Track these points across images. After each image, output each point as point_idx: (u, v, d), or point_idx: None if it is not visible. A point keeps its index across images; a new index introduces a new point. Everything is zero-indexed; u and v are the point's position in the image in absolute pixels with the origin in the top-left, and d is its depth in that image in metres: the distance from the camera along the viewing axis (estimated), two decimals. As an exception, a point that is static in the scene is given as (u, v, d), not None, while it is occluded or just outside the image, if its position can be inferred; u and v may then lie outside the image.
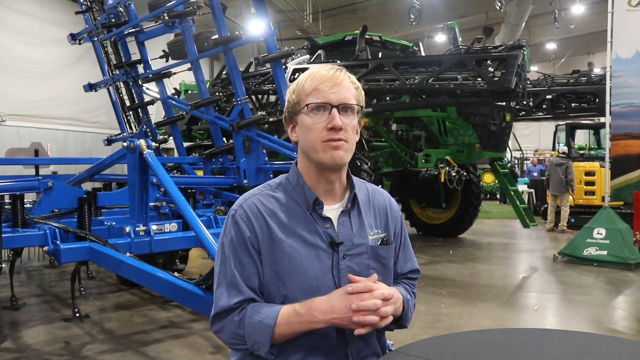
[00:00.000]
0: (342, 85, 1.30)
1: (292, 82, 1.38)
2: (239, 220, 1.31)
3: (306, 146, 1.32)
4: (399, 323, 1.41)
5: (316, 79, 1.30)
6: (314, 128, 1.29)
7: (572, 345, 1.23)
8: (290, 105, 1.35)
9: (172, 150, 10.00)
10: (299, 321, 1.22)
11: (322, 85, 1.29)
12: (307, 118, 1.30)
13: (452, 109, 8.65)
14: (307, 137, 1.31)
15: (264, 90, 9.29)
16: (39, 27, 14.41)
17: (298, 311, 1.22)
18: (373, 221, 1.41)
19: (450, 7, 18.72)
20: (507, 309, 5.13)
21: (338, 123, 1.27)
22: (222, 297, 1.29)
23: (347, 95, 1.30)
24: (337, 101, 1.29)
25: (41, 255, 7.09)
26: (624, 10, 7.22)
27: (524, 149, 20.15)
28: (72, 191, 4.45)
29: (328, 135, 1.28)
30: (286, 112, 1.37)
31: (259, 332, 1.23)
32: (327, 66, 1.33)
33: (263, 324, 1.22)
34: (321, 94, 1.28)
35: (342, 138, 1.29)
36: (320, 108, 1.29)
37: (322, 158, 1.29)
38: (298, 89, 1.32)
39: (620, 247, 6.88)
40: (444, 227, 9.97)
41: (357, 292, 1.22)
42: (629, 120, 7.26)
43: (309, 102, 1.29)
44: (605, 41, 7.46)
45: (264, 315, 1.23)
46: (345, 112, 1.30)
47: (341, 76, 1.31)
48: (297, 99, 1.32)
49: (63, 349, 3.94)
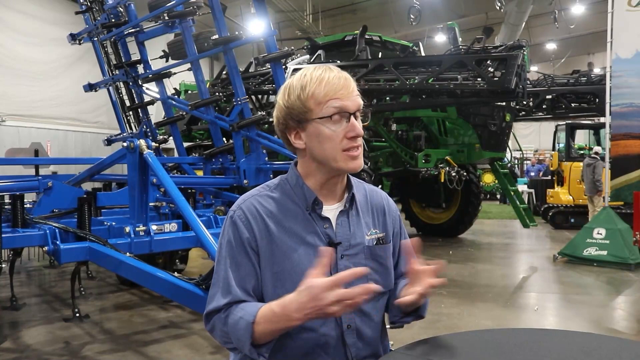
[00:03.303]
0: (355, 90, 1.29)
1: (288, 84, 1.32)
2: (237, 221, 1.31)
3: (321, 155, 1.29)
4: (417, 313, 1.40)
5: (331, 87, 1.26)
6: (333, 137, 1.26)
7: (572, 345, 1.23)
8: (295, 112, 1.28)
9: (172, 150, 9.99)
10: (276, 320, 1.18)
11: (338, 93, 1.26)
12: (324, 128, 1.26)
13: (452, 109, 8.65)
14: (324, 147, 1.27)
15: (264, 90, 9.30)
16: (39, 27, 14.42)
17: (274, 310, 1.18)
18: (371, 221, 1.41)
19: (450, 7, 18.72)
20: (507, 309, 5.13)
21: (360, 131, 1.27)
22: (214, 297, 1.29)
23: (359, 100, 1.29)
24: (354, 107, 1.27)
25: (41, 255, 7.08)
26: (624, 10, 7.22)
27: (524, 149, 20.14)
28: (72, 191, 4.45)
29: (349, 144, 1.26)
30: (288, 119, 1.31)
31: (239, 329, 1.22)
32: (330, 70, 1.29)
33: (243, 321, 1.21)
34: (338, 102, 1.25)
35: (360, 145, 1.29)
36: (339, 116, 1.26)
37: (341, 167, 1.28)
38: (305, 96, 1.26)
39: (620, 247, 6.88)
40: (444, 227, 9.97)
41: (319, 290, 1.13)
42: (629, 120, 7.26)
43: (324, 113, 1.25)
44: (605, 41, 7.46)
45: (245, 312, 1.22)
46: (357, 117, 1.30)
47: (351, 80, 1.29)
48: (306, 107, 1.27)
49: (63, 349, 3.94)
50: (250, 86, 8.94)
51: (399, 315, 1.40)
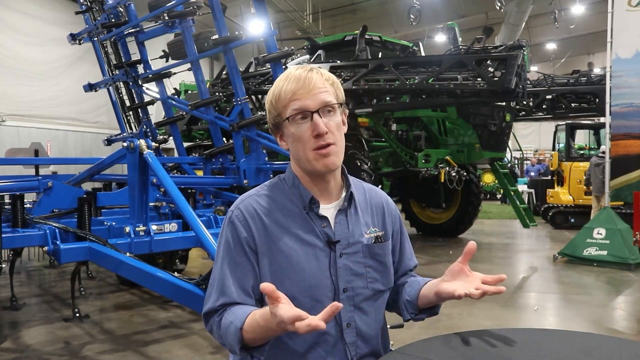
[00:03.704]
0: (317, 87, 1.28)
1: (270, 90, 1.35)
2: (236, 221, 1.32)
3: (297, 156, 1.32)
4: (432, 310, 1.42)
5: (289, 88, 1.28)
6: (301, 138, 1.28)
7: (572, 345, 1.23)
8: (272, 116, 1.34)
9: (172, 150, 9.99)
10: (259, 330, 1.18)
11: (296, 93, 1.27)
12: (292, 129, 1.29)
13: (452, 109, 8.65)
14: (296, 148, 1.31)
15: (264, 90, 9.28)
16: (39, 27, 14.41)
17: (258, 321, 1.17)
18: (370, 220, 1.42)
19: (450, 7, 18.71)
20: (507, 309, 5.13)
21: (322, 129, 1.26)
22: (210, 298, 1.30)
23: (323, 96, 1.28)
24: (315, 106, 1.27)
25: (41, 255, 7.08)
26: (624, 10, 7.22)
27: (524, 149, 20.14)
28: (72, 191, 4.45)
29: (316, 143, 1.27)
30: (270, 124, 1.37)
31: (230, 334, 1.22)
32: (297, 69, 1.31)
33: (232, 326, 1.22)
34: (298, 102, 1.27)
35: (330, 142, 1.28)
36: (302, 117, 1.28)
37: (315, 167, 1.29)
38: (275, 100, 1.31)
39: (620, 247, 6.88)
40: (444, 227, 9.97)
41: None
42: (629, 120, 7.26)
43: (288, 115, 1.28)
44: (605, 41, 7.46)
45: (235, 317, 1.23)
46: (327, 112, 1.29)
47: (313, 77, 1.28)
48: (276, 111, 1.31)
49: (63, 349, 3.94)
50: (250, 86, 8.94)
51: (414, 311, 1.42)
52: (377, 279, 1.36)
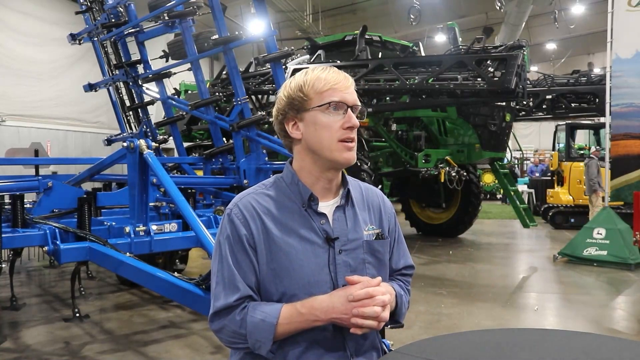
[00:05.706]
0: (353, 87, 1.36)
1: (290, 80, 1.38)
2: (235, 218, 1.32)
3: (317, 144, 1.33)
4: (393, 319, 1.43)
5: (330, 79, 1.32)
6: (329, 126, 1.31)
7: (572, 345, 1.23)
8: (295, 101, 1.33)
9: (172, 150, 10.00)
10: (300, 320, 1.24)
11: (337, 85, 1.32)
12: (322, 116, 1.31)
13: (452, 109, 8.65)
14: (321, 135, 1.32)
15: (264, 90, 9.29)
16: (39, 27, 14.41)
17: (300, 310, 1.24)
18: (367, 217, 1.43)
19: (450, 7, 18.71)
20: (507, 309, 5.13)
21: (356, 122, 1.33)
22: (220, 295, 1.30)
23: (356, 97, 1.36)
24: (352, 102, 1.33)
25: (41, 255, 7.09)
26: (624, 10, 7.22)
27: (524, 149, 20.13)
28: (72, 191, 4.44)
29: (345, 134, 1.31)
30: (287, 109, 1.35)
31: (260, 331, 1.24)
32: (329, 68, 1.36)
33: (265, 323, 1.24)
34: (338, 94, 1.31)
35: (355, 138, 1.34)
36: (336, 107, 1.31)
37: (336, 157, 1.32)
38: (307, 86, 1.32)
39: (620, 247, 6.88)
40: (444, 227, 9.97)
41: (358, 300, 1.23)
42: (629, 120, 7.26)
43: (326, 101, 1.31)
44: (605, 41, 7.46)
45: (266, 314, 1.25)
46: (355, 113, 1.35)
47: (350, 79, 1.36)
48: (306, 96, 1.32)
49: (63, 349, 3.94)
50: (250, 86, 8.94)
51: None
52: (374, 275, 1.37)
